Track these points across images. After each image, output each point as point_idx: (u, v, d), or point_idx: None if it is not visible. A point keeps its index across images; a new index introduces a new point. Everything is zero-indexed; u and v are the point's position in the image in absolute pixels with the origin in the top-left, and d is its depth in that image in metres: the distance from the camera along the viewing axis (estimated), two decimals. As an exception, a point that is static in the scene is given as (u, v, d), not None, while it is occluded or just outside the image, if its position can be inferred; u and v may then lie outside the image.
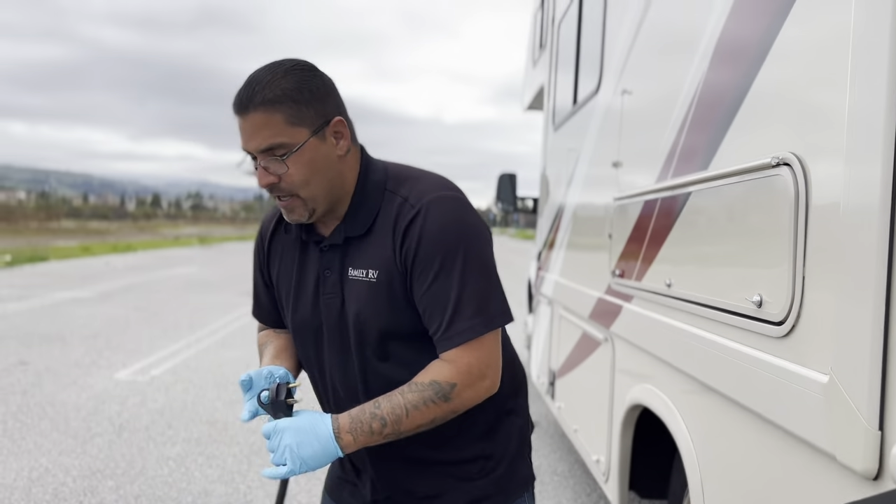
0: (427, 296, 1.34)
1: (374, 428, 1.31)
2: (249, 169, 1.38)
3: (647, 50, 2.64)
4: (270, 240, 1.57)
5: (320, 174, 1.36)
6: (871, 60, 1.18)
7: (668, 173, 2.24)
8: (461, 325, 1.32)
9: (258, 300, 1.67)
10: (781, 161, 1.47)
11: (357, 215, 1.42)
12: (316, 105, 1.34)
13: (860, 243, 1.18)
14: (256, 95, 1.30)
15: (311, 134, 1.33)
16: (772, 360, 1.49)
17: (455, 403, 1.34)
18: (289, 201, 1.37)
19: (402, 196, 1.39)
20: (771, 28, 1.56)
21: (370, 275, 1.38)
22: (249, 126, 1.31)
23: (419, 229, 1.35)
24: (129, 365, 7.11)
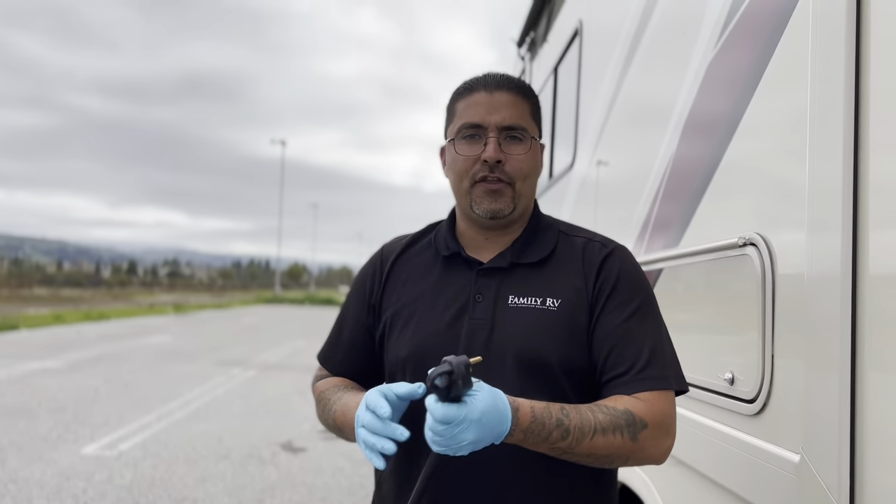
0: (621, 329, 1.29)
1: (553, 437, 1.17)
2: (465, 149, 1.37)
3: (620, 124, 2.73)
4: (394, 262, 1.49)
5: (534, 176, 1.42)
6: (828, 135, 1.24)
7: (642, 245, 2.29)
8: (658, 371, 1.27)
9: (338, 341, 1.54)
10: (748, 241, 1.51)
11: (531, 243, 1.41)
12: (540, 119, 1.45)
13: (824, 315, 1.22)
14: (511, 80, 1.40)
15: (539, 137, 1.41)
16: (745, 438, 1.50)
17: (639, 447, 1.21)
18: (500, 186, 1.35)
19: (584, 237, 1.43)
20: (738, 105, 1.64)
21: (549, 303, 1.33)
22: (497, 102, 1.36)
23: (618, 265, 1.37)
24: (97, 439, 6.90)
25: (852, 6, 1.20)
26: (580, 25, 3.56)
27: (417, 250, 1.49)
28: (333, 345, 1.56)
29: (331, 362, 1.56)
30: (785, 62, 1.44)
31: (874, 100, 1.15)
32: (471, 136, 1.36)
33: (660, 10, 2.29)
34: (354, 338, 1.51)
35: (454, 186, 1.42)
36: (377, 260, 1.53)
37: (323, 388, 1.51)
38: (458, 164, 1.38)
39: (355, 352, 1.51)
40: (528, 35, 5.49)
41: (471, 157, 1.36)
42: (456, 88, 1.45)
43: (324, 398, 1.47)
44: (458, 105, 1.41)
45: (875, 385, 1.12)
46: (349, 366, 1.53)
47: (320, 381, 1.55)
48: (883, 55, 1.14)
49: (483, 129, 1.35)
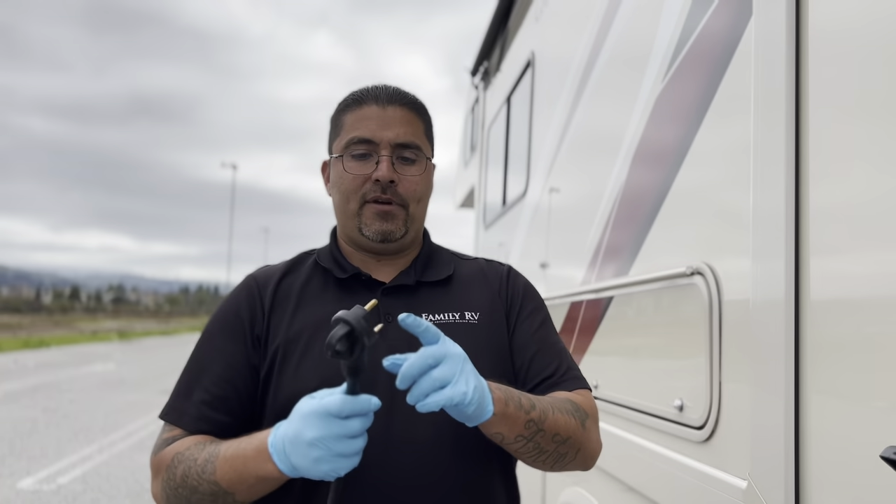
0: (538, 336, 1.32)
1: (524, 404, 1.10)
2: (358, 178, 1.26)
3: (572, 153, 2.77)
4: (275, 290, 1.30)
5: (426, 199, 1.35)
6: (770, 165, 1.27)
7: (593, 272, 2.32)
8: (578, 372, 1.31)
9: (198, 390, 1.23)
10: (695, 270, 1.55)
11: (430, 261, 1.37)
12: (433, 138, 1.38)
13: (768, 341, 1.24)
14: (405, 96, 1.32)
15: (432, 157, 1.36)
16: (694, 465, 1.51)
17: (586, 436, 1.20)
18: (392, 207, 1.27)
19: (479, 258, 1.44)
20: (685, 135, 1.68)
21: (469, 316, 1.30)
22: (391, 117, 1.27)
23: (521, 279, 1.40)
24: (34, 472, 6.61)
25: (791, 42, 1.25)
26: (532, 56, 3.63)
27: (300, 277, 1.33)
28: (190, 396, 1.24)
29: (188, 418, 1.22)
30: (730, 95, 1.48)
31: (813, 131, 1.20)
32: (361, 155, 1.27)
33: (610, 43, 2.34)
34: (226, 381, 1.24)
35: (339, 207, 1.31)
36: (251, 288, 1.32)
37: (177, 449, 1.17)
38: (346, 182, 1.28)
39: (227, 399, 1.23)
40: (482, 64, 5.57)
41: (361, 175, 1.26)
42: (343, 99, 1.35)
43: (183, 463, 1.13)
44: (347, 118, 1.31)
45: (818, 409, 1.15)
46: (215, 419, 1.22)
47: (171, 446, 1.19)
48: (821, 88, 1.19)
49: (375, 146, 1.26)
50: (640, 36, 2.06)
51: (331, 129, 1.37)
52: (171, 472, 1.15)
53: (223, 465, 1.09)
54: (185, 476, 1.12)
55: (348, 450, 0.99)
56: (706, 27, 1.61)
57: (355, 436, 0.99)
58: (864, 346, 1.05)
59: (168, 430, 1.24)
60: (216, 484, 1.09)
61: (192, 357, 1.30)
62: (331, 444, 0.98)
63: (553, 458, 1.18)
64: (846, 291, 1.11)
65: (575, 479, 2.46)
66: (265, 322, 1.27)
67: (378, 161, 1.26)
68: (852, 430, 1.07)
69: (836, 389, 1.11)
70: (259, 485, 1.08)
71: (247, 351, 1.26)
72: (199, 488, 1.11)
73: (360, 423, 0.99)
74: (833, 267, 1.15)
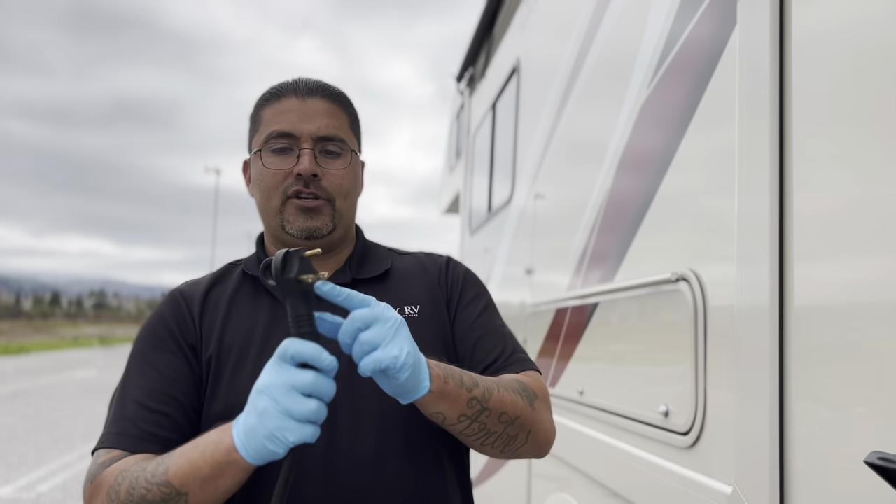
0: (481, 321, 1.28)
1: (466, 381, 1.04)
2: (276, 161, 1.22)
3: (557, 160, 2.78)
4: (203, 303, 1.25)
5: (355, 194, 1.29)
6: (755, 171, 1.28)
7: (579, 278, 2.32)
8: (524, 355, 1.28)
9: (137, 408, 1.14)
10: (680, 276, 1.55)
11: (365, 258, 1.32)
12: (359, 132, 1.34)
13: (753, 347, 1.25)
14: (326, 87, 1.26)
15: (359, 151, 1.31)
16: (680, 471, 1.52)
17: (537, 417, 1.15)
18: (317, 202, 1.21)
19: (416, 252, 1.40)
20: (670, 142, 1.69)
21: (409, 310, 1.25)
22: (311, 109, 1.22)
23: (461, 268, 1.37)
24: (13, 480, 6.51)
25: (775, 50, 1.26)
26: (518, 63, 3.64)
27: (227, 288, 1.28)
28: (128, 416, 1.14)
29: (127, 438, 1.12)
30: (715, 102, 1.49)
31: (798, 138, 1.21)
32: (281, 149, 1.22)
33: (596, 50, 2.35)
34: (164, 393, 1.16)
35: (261, 205, 1.26)
36: (176, 301, 1.26)
37: (119, 468, 1.06)
38: (267, 179, 1.22)
39: (169, 413, 1.15)
40: (468, 70, 5.59)
41: (281, 170, 1.21)
42: (262, 94, 1.29)
43: (126, 477, 1.02)
44: (265, 112, 1.25)
45: (802, 415, 1.15)
46: (158, 435, 1.13)
47: (112, 466, 1.07)
48: (804, 96, 1.20)
49: (295, 140, 1.21)
50: (626, 43, 2.07)
51: (250, 126, 1.31)
52: (114, 490, 1.03)
53: (177, 459, 0.99)
54: (132, 488, 1.00)
55: (297, 408, 0.88)
56: (691, 34, 1.63)
57: (307, 392, 0.89)
58: (849, 353, 1.05)
59: (104, 454, 1.11)
60: (168, 485, 0.98)
61: (122, 381, 1.21)
62: (277, 395, 0.89)
63: (502, 441, 1.12)
64: (830, 298, 1.12)
65: (560, 484, 2.46)
66: (196, 330, 1.22)
67: (299, 155, 1.21)
68: (837, 436, 1.07)
69: (821, 395, 1.12)
70: (214, 476, 0.96)
71: (184, 359, 1.19)
72: (147, 496, 0.99)
73: (312, 377, 0.89)
74: (817, 273, 1.16)
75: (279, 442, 0.89)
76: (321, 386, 0.90)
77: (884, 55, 1.02)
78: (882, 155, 1.02)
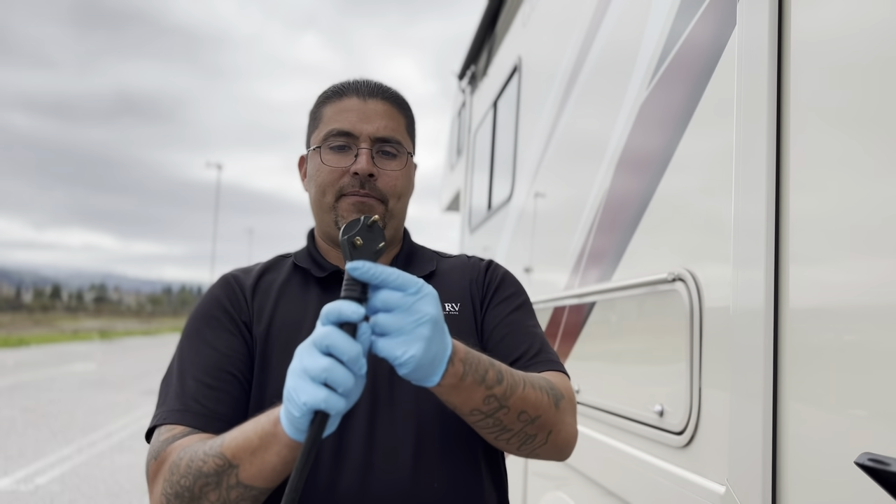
0: (511, 318, 1.28)
1: (489, 377, 1.01)
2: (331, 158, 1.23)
3: (557, 158, 2.78)
4: (255, 288, 1.27)
5: (407, 196, 1.30)
6: (752, 173, 1.29)
7: (577, 277, 2.33)
8: (553, 356, 1.26)
9: (196, 384, 1.14)
10: (677, 276, 1.56)
11: (412, 259, 1.34)
12: (415, 135, 1.34)
13: (748, 348, 1.25)
14: (387, 90, 1.28)
15: (413, 154, 1.32)
16: (673, 470, 1.52)
17: (560, 417, 1.12)
18: (371, 200, 1.22)
19: (461, 255, 1.42)
20: (669, 143, 1.69)
21: (449, 308, 1.27)
22: (371, 110, 1.24)
23: (501, 269, 1.37)
24: (11, 472, 6.53)
25: (774, 52, 1.26)
26: (519, 61, 3.64)
27: (279, 277, 1.30)
28: (187, 393, 1.14)
29: (191, 416, 1.12)
30: (713, 103, 1.50)
31: (795, 140, 1.21)
32: (339, 147, 1.23)
33: (596, 50, 2.36)
34: (227, 371, 1.17)
35: (315, 201, 1.27)
36: (229, 283, 1.28)
37: (183, 444, 1.06)
38: (323, 175, 1.23)
39: (229, 390, 1.16)
40: (469, 68, 5.59)
41: (338, 168, 1.23)
42: (323, 91, 1.31)
43: (188, 452, 1.02)
44: (326, 110, 1.27)
45: (796, 416, 1.16)
46: (220, 412, 1.13)
47: (176, 443, 1.07)
48: (802, 97, 1.20)
49: (354, 139, 1.23)
50: (626, 43, 2.07)
51: (309, 122, 1.33)
52: (175, 463, 1.03)
53: (233, 433, 0.99)
54: (192, 460, 1.00)
55: (310, 364, 0.84)
56: (691, 35, 1.63)
57: (324, 351, 0.84)
58: (843, 354, 1.06)
59: (167, 431, 1.11)
60: (221, 456, 0.97)
61: (178, 359, 1.21)
62: (300, 352, 0.87)
63: (519, 439, 1.09)
64: (825, 299, 1.12)
65: (556, 482, 2.46)
66: (249, 309, 1.23)
67: (357, 154, 1.22)
68: (830, 437, 1.08)
69: (815, 397, 1.12)
70: (262, 448, 0.94)
71: (240, 336, 1.20)
72: (203, 468, 0.98)
73: (329, 332, 0.84)
74: (812, 275, 1.16)
75: (294, 403, 0.85)
76: (340, 344, 0.84)
77: (882, 57, 1.03)
78: (879, 157, 1.02)
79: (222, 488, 0.98)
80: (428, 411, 1.17)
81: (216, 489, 0.98)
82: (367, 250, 0.92)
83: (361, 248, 0.92)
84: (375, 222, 0.94)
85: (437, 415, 1.17)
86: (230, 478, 0.97)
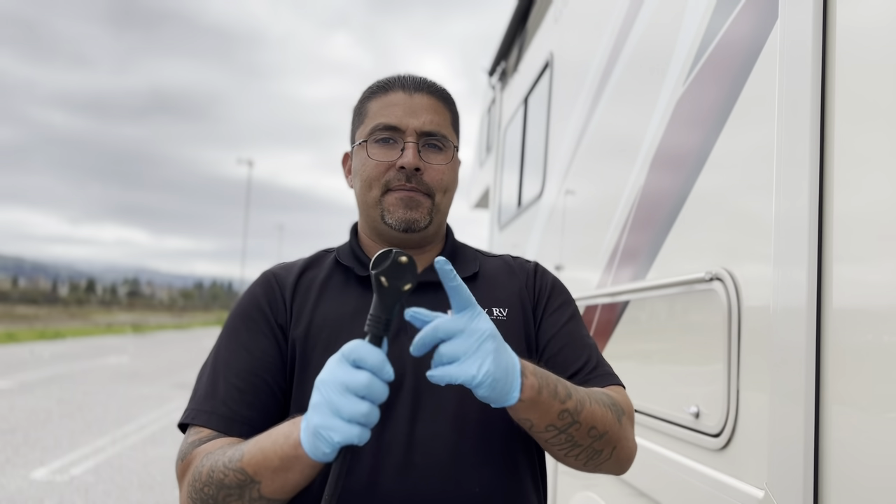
0: (566, 330, 1.26)
1: (560, 391, 1.01)
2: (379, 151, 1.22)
3: (589, 156, 2.76)
4: (295, 285, 1.26)
5: (452, 191, 1.29)
6: (794, 171, 1.26)
7: (609, 276, 2.30)
8: (610, 368, 1.25)
9: (227, 387, 1.17)
10: (714, 276, 1.53)
11: (456, 258, 1.31)
12: (459, 130, 1.34)
13: (789, 349, 1.23)
14: (433, 85, 1.28)
15: (458, 149, 1.32)
16: (710, 473, 1.50)
17: (623, 433, 1.12)
18: (417, 195, 1.22)
19: (505, 255, 1.39)
20: (706, 140, 1.66)
21: (497, 312, 1.24)
22: (417, 104, 1.23)
23: (549, 275, 1.35)
24: (48, 463, 6.67)
25: (818, 46, 1.23)
26: (551, 57, 3.61)
27: (320, 273, 1.29)
28: (216, 394, 1.17)
29: (217, 418, 1.14)
30: (753, 99, 1.46)
31: (839, 137, 1.18)
32: (385, 140, 1.22)
33: (630, 45, 2.32)
34: (254, 374, 1.18)
35: (361, 196, 1.26)
36: (269, 282, 1.28)
37: (208, 450, 1.09)
38: (369, 169, 1.23)
39: (258, 394, 1.17)
40: (500, 65, 5.56)
41: (384, 162, 1.22)
42: (368, 87, 1.31)
43: (211, 459, 1.05)
44: (371, 105, 1.27)
45: (839, 419, 1.13)
46: (248, 416, 1.15)
47: (201, 447, 1.11)
48: (848, 93, 1.17)
49: (400, 133, 1.22)
50: (662, 38, 2.04)
51: (354, 118, 1.32)
52: (197, 470, 1.06)
53: (251, 447, 1.01)
54: (212, 470, 1.03)
55: (347, 408, 0.87)
56: (730, 30, 1.59)
57: (358, 394, 0.88)
58: (888, 355, 1.03)
59: (195, 434, 1.14)
60: (242, 471, 1.00)
61: (214, 356, 1.23)
62: (330, 392, 0.89)
63: (587, 455, 1.10)
64: (869, 299, 1.09)
65: (586, 483, 2.44)
66: (287, 312, 1.23)
67: (403, 148, 1.22)
68: (875, 441, 1.05)
69: (858, 399, 1.09)
70: (283, 469, 0.97)
71: (274, 341, 1.21)
72: (224, 480, 1.01)
73: (366, 379, 0.88)
74: (856, 274, 1.13)
75: (325, 440, 0.89)
76: (375, 389, 0.89)
77: (932, 52, 0.99)
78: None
79: (245, 500, 1.02)
80: (471, 411, 1.15)
81: (239, 500, 1.02)
82: (394, 290, 0.91)
83: (387, 289, 0.91)
84: (405, 262, 0.92)
85: (479, 416, 1.15)
86: (252, 491, 1.01)
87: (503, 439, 1.17)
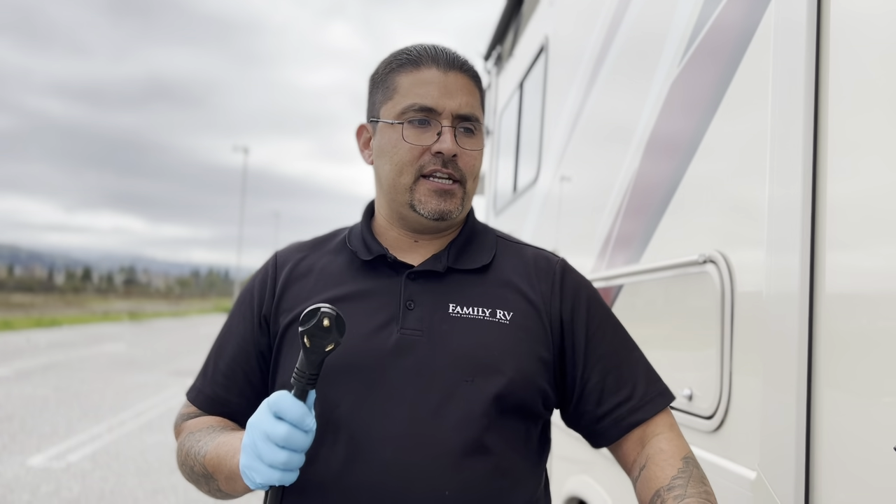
0: (612, 350, 1.21)
1: None
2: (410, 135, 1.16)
3: (584, 141, 2.75)
4: (294, 267, 1.25)
5: (478, 175, 1.24)
6: (788, 156, 1.25)
7: (603, 260, 2.30)
8: (658, 385, 1.22)
9: (214, 370, 1.25)
10: (708, 258, 1.53)
11: (469, 247, 1.24)
12: (485, 111, 1.28)
13: (782, 333, 1.23)
14: (465, 62, 1.21)
15: (488, 133, 1.30)
16: (703, 455, 1.50)
17: (713, 491, 1.12)
18: (451, 185, 1.16)
19: (528, 246, 1.31)
20: (699, 124, 1.66)
21: (500, 315, 1.16)
22: (453, 84, 1.16)
23: (577, 278, 1.27)
24: (44, 450, 6.69)
25: (812, 29, 1.22)
26: (546, 41, 3.59)
27: (326, 253, 1.27)
28: (208, 375, 1.27)
29: (202, 397, 1.25)
30: (746, 83, 1.46)
31: (833, 122, 1.18)
32: (420, 122, 1.15)
33: (624, 29, 2.31)
34: (236, 361, 1.24)
35: (390, 179, 1.19)
36: (269, 266, 1.28)
37: (191, 428, 1.23)
38: (402, 153, 1.15)
39: (236, 380, 1.24)
40: (495, 49, 5.53)
41: (419, 146, 1.15)
42: (395, 57, 1.22)
43: (189, 441, 1.18)
44: (402, 80, 1.18)
45: (831, 402, 1.14)
46: (227, 399, 1.24)
47: (188, 422, 1.26)
48: (842, 78, 1.17)
49: (436, 115, 1.15)
50: (656, 22, 2.03)
51: (377, 89, 1.23)
52: (180, 448, 1.21)
53: (214, 448, 1.11)
54: (187, 455, 1.17)
55: (266, 454, 0.95)
56: (723, 13, 1.59)
57: (278, 444, 0.94)
58: (880, 341, 1.03)
59: (185, 407, 1.29)
60: (204, 467, 1.12)
61: (220, 335, 1.31)
62: (254, 436, 0.97)
63: None
64: (862, 286, 1.10)
65: (582, 466, 2.46)
66: (273, 302, 1.23)
67: (440, 132, 1.15)
68: (865, 424, 1.05)
69: (850, 383, 1.10)
70: (232, 479, 1.07)
71: (253, 333, 1.23)
72: (194, 468, 1.15)
73: (284, 431, 0.94)
74: (849, 261, 1.13)
75: (248, 479, 0.99)
76: (294, 440, 0.95)
77: (925, 34, 0.99)
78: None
79: (209, 488, 1.15)
80: (474, 408, 1.11)
81: (206, 486, 1.15)
82: (318, 349, 0.95)
83: (310, 348, 0.95)
84: (327, 326, 0.94)
85: (479, 413, 1.11)
86: (213, 484, 1.13)
87: (502, 439, 1.13)
